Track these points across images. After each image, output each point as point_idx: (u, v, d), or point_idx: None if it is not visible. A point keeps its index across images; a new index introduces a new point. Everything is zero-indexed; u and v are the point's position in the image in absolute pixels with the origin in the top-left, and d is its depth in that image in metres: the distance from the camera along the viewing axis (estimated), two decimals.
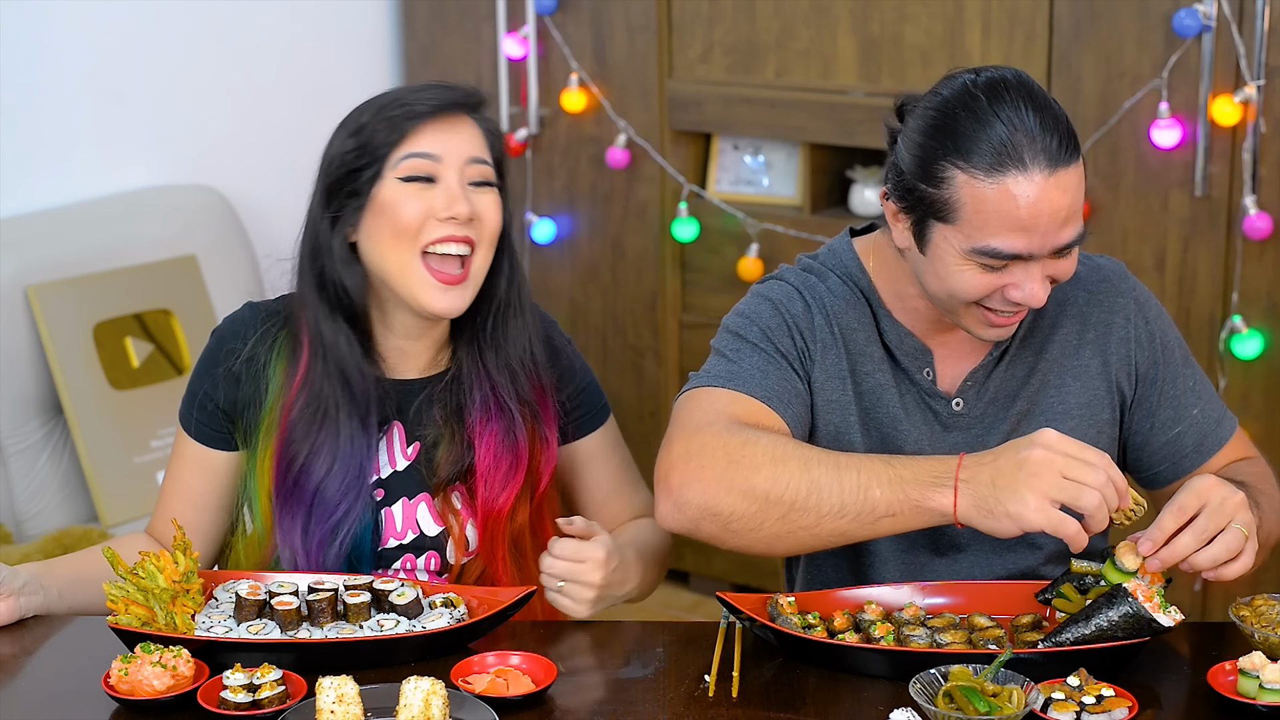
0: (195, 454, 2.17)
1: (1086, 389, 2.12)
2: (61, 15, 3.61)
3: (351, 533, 2.10)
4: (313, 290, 2.11)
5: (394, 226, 2.05)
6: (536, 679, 1.86)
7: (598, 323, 4.07)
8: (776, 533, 1.89)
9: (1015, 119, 1.90)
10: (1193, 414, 2.15)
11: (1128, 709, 1.77)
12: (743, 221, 3.80)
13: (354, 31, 4.21)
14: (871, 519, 1.87)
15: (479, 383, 2.14)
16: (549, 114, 4.02)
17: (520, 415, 2.14)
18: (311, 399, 2.10)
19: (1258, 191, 3.21)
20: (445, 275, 2.06)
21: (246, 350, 2.13)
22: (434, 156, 2.06)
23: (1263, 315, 3.27)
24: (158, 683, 1.82)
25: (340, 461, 2.09)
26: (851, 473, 1.87)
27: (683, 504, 1.91)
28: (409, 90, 2.11)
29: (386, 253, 2.06)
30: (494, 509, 2.13)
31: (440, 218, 2.05)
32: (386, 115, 2.06)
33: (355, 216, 2.08)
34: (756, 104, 3.74)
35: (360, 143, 2.07)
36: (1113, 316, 2.13)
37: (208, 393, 2.15)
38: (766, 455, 1.89)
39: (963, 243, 1.93)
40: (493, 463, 2.13)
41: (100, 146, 3.73)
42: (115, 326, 3.46)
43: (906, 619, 1.95)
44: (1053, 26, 3.37)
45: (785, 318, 2.09)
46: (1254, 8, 3.14)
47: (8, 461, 3.35)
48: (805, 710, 1.84)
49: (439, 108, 2.08)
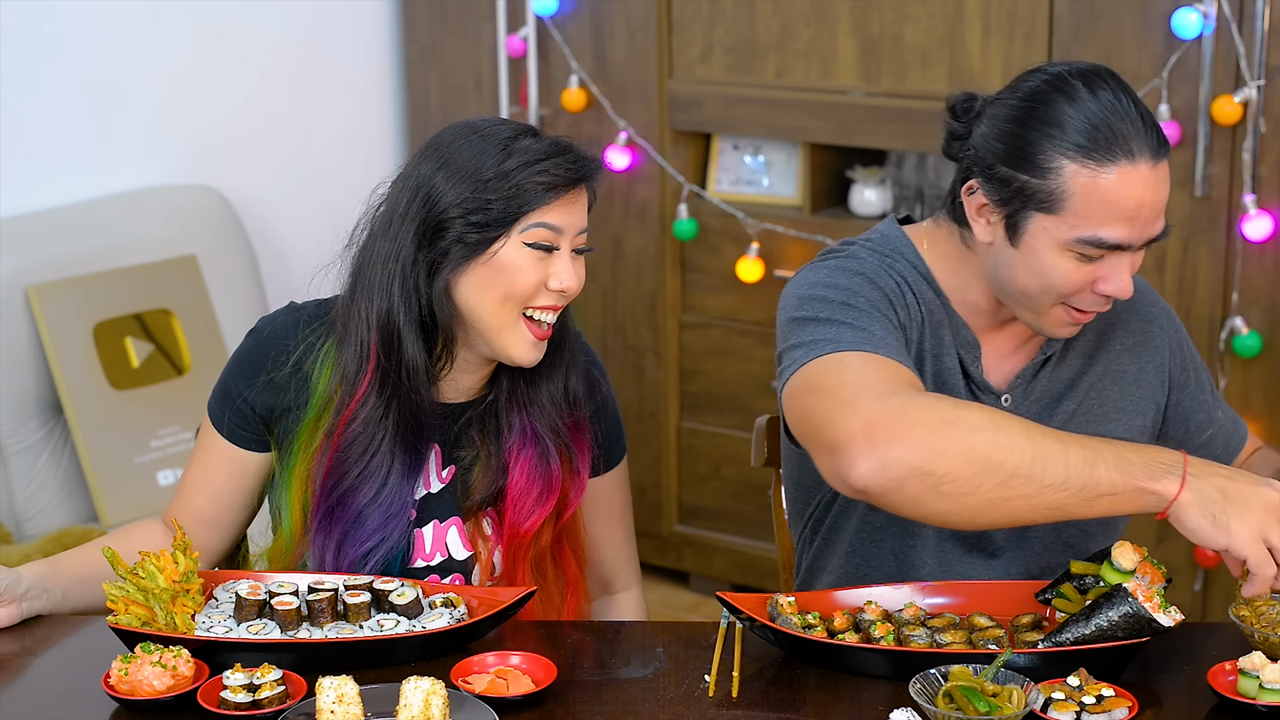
0: (224, 451, 2.15)
1: (1125, 394, 2.15)
2: (62, 15, 3.61)
3: (384, 559, 2.09)
4: (403, 315, 2.06)
5: (508, 288, 2.03)
6: (536, 679, 1.86)
7: (598, 323, 4.07)
8: (991, 499, 1.81)
9: (1119, 109, 1.93)
10: (1218, 416, 2.23)
11: (1128, 709, 1.77)
12: (743, 221, 3.80)
13: (354, 31, 4.21)
14: (1092, 495, 1.82)
15: (517, 410, 2.14)
16: (549, 114, 4.02)
17: (554, 445, 2.14)
18: (371, 421, 2.07)
19: (1258, 191, 3.21)
20: (540, 332, 2.07)
21: (292, 358, 2.10)
22: (559, 230, 2.04)
23: (1263, 315, 3.27)
24: (158, 683, 1.82)
25: (387, 491, 2.08)
26: (1075, 447, 1.83)
27: (890, 462, 1.81)
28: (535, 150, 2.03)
29: (491, 307, 2.04)
30: (519, 532, 2.13)
31: (550, 288, 2.05)
32: (519, 183, 2.01)
33: (459, 265, 2.04)
34: (756, 104, 3.74)
35: (484, 202, 2.02)
36: (1149, 325, 2.18)
37: (244, 395, 2.11)
38: (986, 419, 1.83)
39: (1066, 233, 1.95)
40: (525, 487, 2.12)
41: (100, 146, 3.73)
42: (115, 326, 3.46)
43: (906, 619, 1.95)
44: (1053, 26, 3.37)
45: (885, 291, 2.06)
46: (1254, 8, 3.14)
47: (8, 461, 3.35)
48: (805, 710, 1.84)
49: (575, 181, 2.05)
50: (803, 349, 1.97)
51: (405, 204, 2.06)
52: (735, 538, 3.99)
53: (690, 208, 3.87)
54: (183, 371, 3.53)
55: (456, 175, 2.03)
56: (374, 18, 4.25)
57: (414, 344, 2.06)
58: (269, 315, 2.16)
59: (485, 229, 2.02)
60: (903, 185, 3.81)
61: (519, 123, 2.09)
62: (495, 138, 2.05)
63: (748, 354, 3.88)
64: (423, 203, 2.05)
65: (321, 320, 2.13)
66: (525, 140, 2.05)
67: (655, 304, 3.98)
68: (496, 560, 2.14)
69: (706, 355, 3.95)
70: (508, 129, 2.07)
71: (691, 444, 4.02)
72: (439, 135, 2.09)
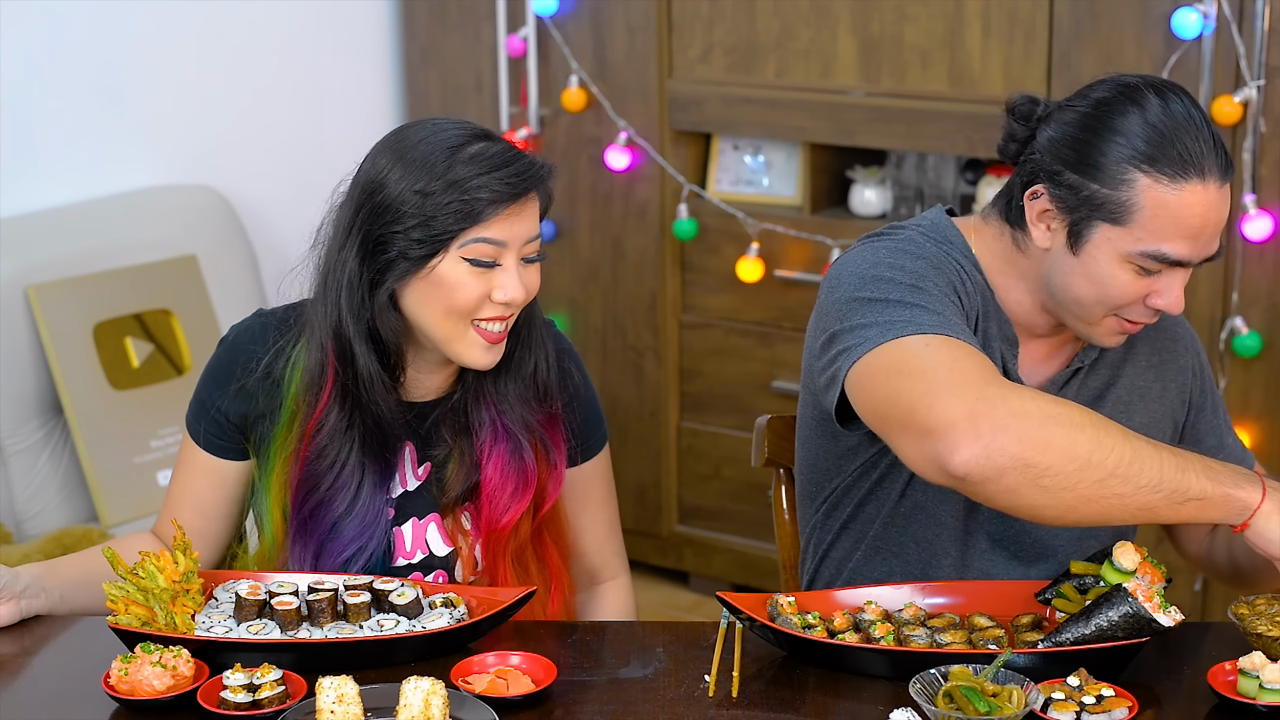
0: (203, 462, 2.16)
1: (1149, 411, 2.17)
2: (62, 15, 3.61)
3: (363, 566, 2.10)
4: (352, 326, 2.05)
5: (448, 304, 2.01)
6: (536, 679, 1.86)
7: (598, 323, 4.07)
8: (1088, 496, 1.83)
9: (1193, 126, 1.95)
10: (1229, 443, 2.24)
11: (1128, 709, 1.77)
12: (742, 221, 3.79)
13: (354, 31, 4.21)
14: (1182, 499, 1.85)
15: (485, 406, 2.13)
16: (549, 114, 4.02)
17: (527, 439, 2.13)
18: (336, 434, 2.07)
19: (1258, 191, 3.21)
20: (493, 336, 2.05)
21: (261, 365, 2.11)
22: (501, 244, 2.01)
23: (1263, 315, 3.27)
24: (158, 683, 1.82)
25: (361, 503, 2.08)
26: (1167, 453, 1.86)
27: (994, 451, 1.80)
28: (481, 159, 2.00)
29: (435, 320, 2.03)
30: (497, 527, 2.13)
31: (496, 300, 2.02)
32: (461, 197, 1.98)
33: (402, 278, 2.03)
34: (756, 104, 3.74)
35: (426, 215, 1.99)
36: (1175, 345, 2.20)
37: (218, 405, 2.12)
38: (1085, 417, 1.85)
39: (1130, 245, 1.96)
40: (500, 483, 2.12)
41: (100, 146, 3.73)
42: (115, 326, 3.46)
43: (906, 619, 1.95)
44: (1053, 26, 3.37)
45: (949, 277, 2.05)
46: (1254, 8, 3.14)
47: (8, 461, 3.35)
48: (805, 710, 1.84)
49: (518, 194, 2.01)
50: (876, 329, 1.94)
51: (352, 214, 2.04)
52: (735, 538, 3.99)
53: (690, 208, 3.87)
54: (183, 371, 3.53)
55: (402, 185, 2.00)
56: (374, 18, 4.25)
57: (366, 355, 2.05)
58: (237, 323, 2.17)
59: (426, 244, 1.99)
60: (903, 185, 3.81)
61: (472, 127, 2.04)
62: (442, 145, 2.01)
63: (748, 354, 3.88)
64: (369, 214, 2.03)
65: (290, 325, 2.13)
66: (473, 147, 2.01)
67: (655, 304, 3.98)
68: (478, 554, 2.14)
69: (706, 355, 3.95)
70: (456, 134, 2.02)
71: (691, 444, 4.02)
72: (389, 136, 2.07)
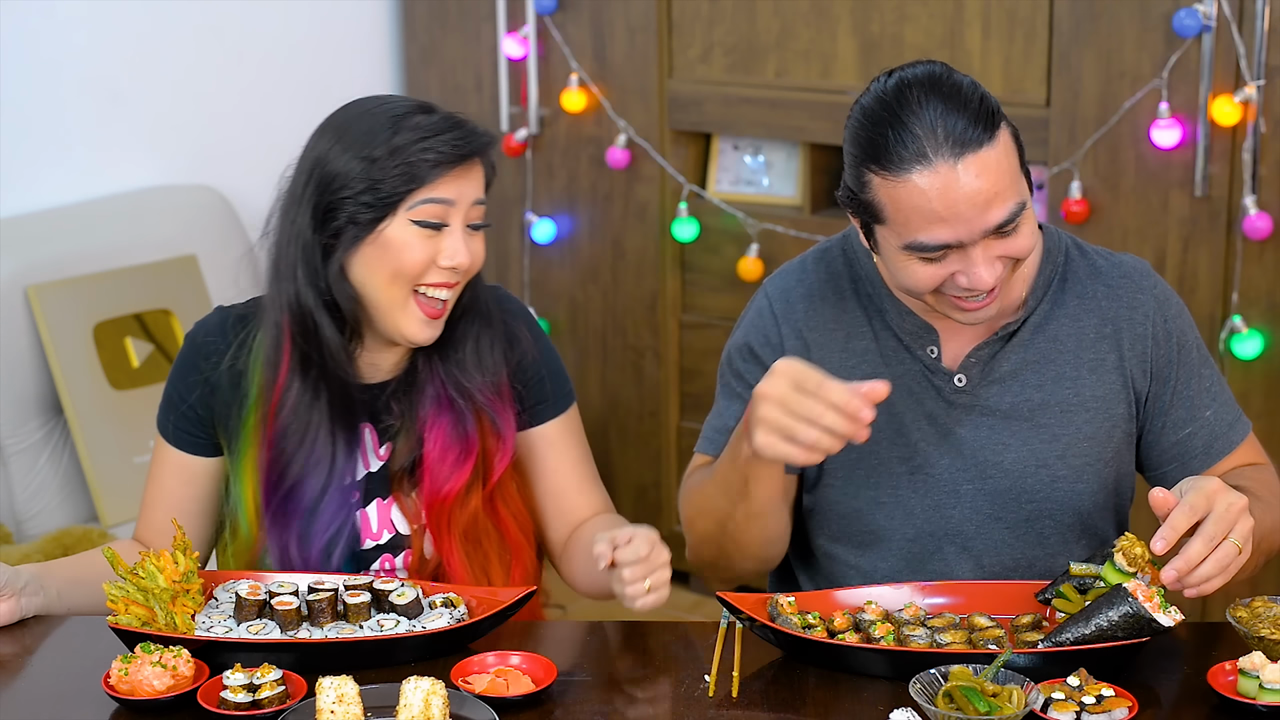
0: (175, 460, 2.18)
1: (1102, 382, 2.12)
2: (61, 15, 3.61)
3: (344, 543, 2.11)
4: (312, 298, 2.08)
5: (396, 267, 2.05)
6: (536, 679, 1.86)
7: (598, 323, 4.07)
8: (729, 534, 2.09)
9: (917, 115, 1.93)
10: (1205, 415, 2.16)
11: (1128, 709, 1.77)
12: (743, 221, 3.79)
13: (354, 31, 4.21)
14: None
15: (431, 379, 2.15)
16: (549, 114, 4.02)
17: (469, 408, 2.14)
18: (301, 407, 2.09)
19: (1258, 191, 3.21)
20: (431, 310, 2.08)
21: (225, 358, 2.14)
22: (449, 202, 2.05)
23: (1263, 315, 3.27)
24: (158, 683, 1.82)
25: (336, 473, 2.10)
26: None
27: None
28: (424, 126, 2.05)
29: (381, 286, 2.06)
30: (438, 496, 2.13)
31: (442, 265, 2.05)
32: (406, 160, 2.02)
33: (352, 245, 2.06)
34: (756, 104, 3.74)
35: (373, 180, 2.03)
36: (1132, 313, 2.14)
37: (185, 400, 2.16)
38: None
39: (896, 240, 1.98)
40: (440, 455, 2.13)
41: (100, 146, 3.73)
42: (115, 326, 3.46)
43: (906, 619, 1.95)
44: (1053, 26, 3.37)
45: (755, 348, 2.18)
46: (1254, 8, 3.14)
47: (8, 461, 3.35)
48: (805, 710, 1.84)
49: (462, 157, 2.05)
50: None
51: (302, 186, 2.08)
52: None
53: (690, 208, 3.87)
54: None
55: (347, 155, 2.05)
56: (374, 18, 4.25)
57: (328, 325, 2.08)
58: (200, 320, 2.20)
59: (375, 208, 2.03)
60: None
61: (412, 99, 2.10)
62: (385, 115, 2.06)
63: None
64: (317, 184, 2.07)
65: (250, 318, 2.16)
66: (416, 117, 2.06)
67: (655, 304, 3.98)
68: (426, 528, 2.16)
69: (706, 355, 3.94)
70: (399, 105, 2.08)
71: (691, 444, 3.98)
72: (333, 115, 2.12)
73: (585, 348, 4.09)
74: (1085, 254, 2.17)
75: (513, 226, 4.12)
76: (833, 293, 2.17)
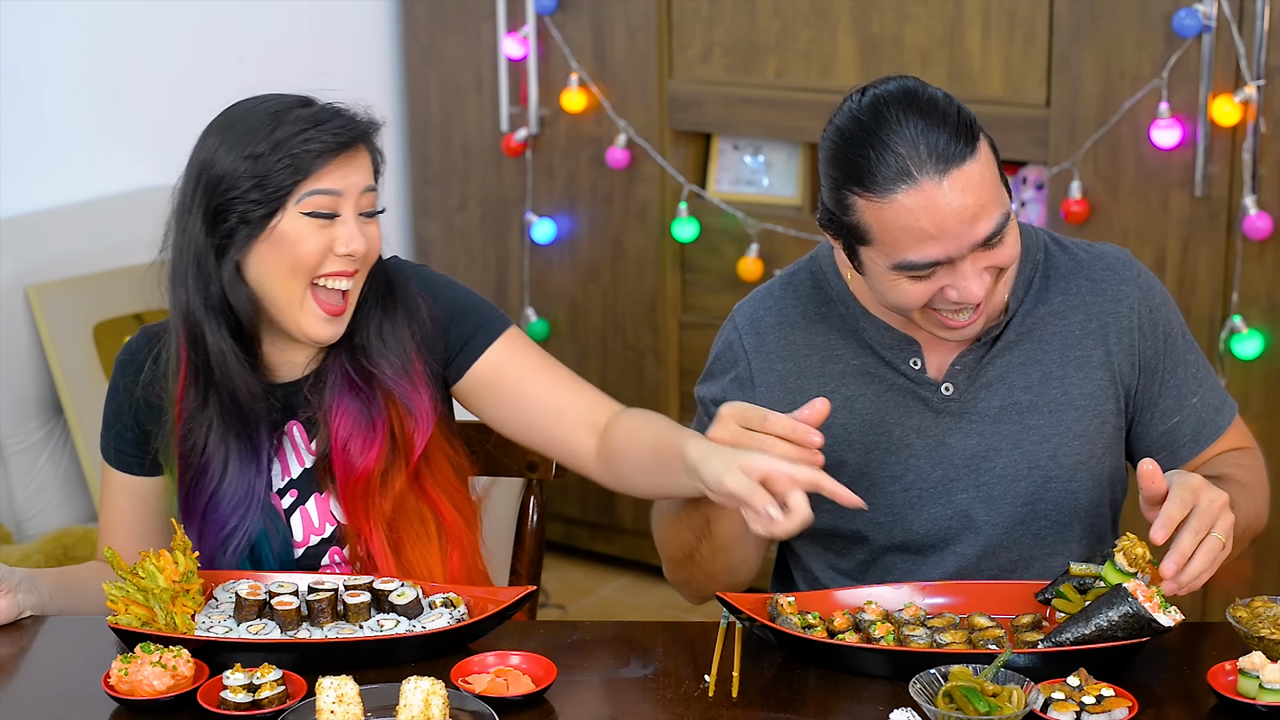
0: (121, 483, 2.21)
1: (1090, 380, 2.11)
2: (61, 15, 3.61)
3: (247, 539, 2.12)
4: (200, 305, 2.08)
5: (292, 261, 2.05)
6: (536, 679, 1.86)
7: (597, 323, 4.07)
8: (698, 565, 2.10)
9: (897, 133, 1.91)
10: (1192, 403, 2.15)
11: (1128, 709, 1.77)
12: (743, 221, 3.80)
13: (354, 32, 4.21)
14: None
15: (334, 367, 2.15)
16: (549, 114, 4.02)
17: (378, 392, 2.13)
18: (193, 415, 2.11)
19: (1258, 191, 3.21)
20: (331, 307, 2.08)
21: (145, 375, 2.15)
22: (337, 193, 2.05)
23: (1263, 315, 3.27)
24: (158, 683, 1.82)
25: (229, 480, 2.10)
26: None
27: None
28: (305, 118, 2.07)
29: (279, 283, 2.06)
30: (351, 478, 2.12)
31: (338, 253, 2.06)
32: (290, 153, 2.03)
33: (245, 244, 2.06)
34: (756, 104, 3.74)
35: (259, 176, 2.04)
36: (1116, 306, 2.13)
37: (120, 420, 2.18)
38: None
39: (884, 260, 1.96)
40: (345, 440, 2.12)
41: (100, 146, 3.73)
42: (115, 326, 3.46)
43: (906, 619, 1.95)
44: (1053, 26, 3.37)
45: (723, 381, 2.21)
46: (1254, 8, 3.14)
47: (8, 461, 3.35)
48: (805, 710, 1.84)
49: (345, 144, 2.06)
50: None
51: (191, 192, 2.10)
52: None
53: (690, 208, 3.87)
54: None
55: (232, 154, 2.06)
56: (374, 18, 4.25)
57: (215, 332, 2.08)
58: (126, 342, 2.22)
59: (264, 204, 2.04)
60: None
61: (292, 95, 2.12)
62: (266, 112, 2.08)
63: None
64: (205, 188, 2.08)
65: (162, 334, 2.18)
66: (296, 110, 2.08)
67: (655, 304, 3.98)
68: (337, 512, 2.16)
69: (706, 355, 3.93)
70: (280, 101, 2.11)
71: None
72: (216, 118, 2.13)
73: (585, 348, 4.09)
74: (1065, 248, 2.16)
75: (513, 226, 4.12)
76: (803, 318, 2.16)
